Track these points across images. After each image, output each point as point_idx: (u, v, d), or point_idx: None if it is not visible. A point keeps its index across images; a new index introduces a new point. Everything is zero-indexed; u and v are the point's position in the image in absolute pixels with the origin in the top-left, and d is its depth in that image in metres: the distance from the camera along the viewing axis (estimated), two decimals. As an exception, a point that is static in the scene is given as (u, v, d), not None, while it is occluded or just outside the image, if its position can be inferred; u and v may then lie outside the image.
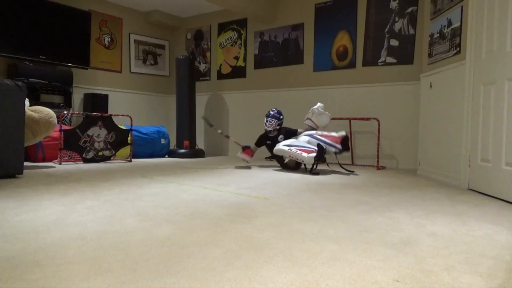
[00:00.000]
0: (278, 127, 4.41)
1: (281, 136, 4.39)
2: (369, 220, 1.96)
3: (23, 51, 4.89)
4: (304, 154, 3.74)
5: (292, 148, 3.88)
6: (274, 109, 4.49)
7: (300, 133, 4.25)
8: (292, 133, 4.37)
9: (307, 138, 3.96)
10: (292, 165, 4.13)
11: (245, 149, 4.42)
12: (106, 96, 5.73)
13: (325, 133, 3.94)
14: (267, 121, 4.40)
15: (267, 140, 4.47)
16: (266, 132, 4.49)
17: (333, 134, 3.90)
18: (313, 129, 4.17)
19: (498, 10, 2.68)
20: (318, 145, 3.76)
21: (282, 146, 4.00)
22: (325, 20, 5.30)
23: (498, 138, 2.64)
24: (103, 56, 6.08)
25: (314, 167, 3.91)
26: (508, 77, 2.55)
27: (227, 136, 4.72)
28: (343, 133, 3.90)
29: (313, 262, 1.34)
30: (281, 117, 4.44)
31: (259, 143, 4.55)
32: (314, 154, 3.71)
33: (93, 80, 5.94)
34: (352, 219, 1.98)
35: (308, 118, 4.23)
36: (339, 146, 3.83)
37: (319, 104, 4.19)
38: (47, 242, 1.54)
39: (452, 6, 3.27)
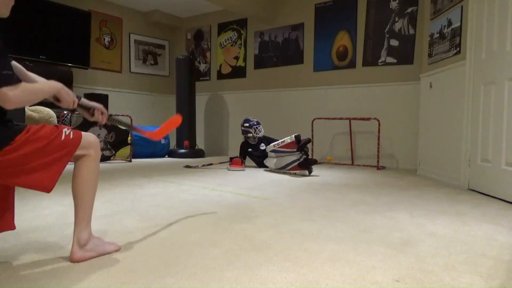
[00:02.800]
0: None
1: (262, 144, 4.42)
2: (369, 220, 1.96)
3: (23, 51, 4.89)
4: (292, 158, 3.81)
5: (278, 154, 3.93)
6: (252, 118, 4.59)
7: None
8: (273, 142, 4.34)
9: (274, 154, 4.01)
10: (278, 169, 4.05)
11: (233, 160, 4.29)
12: (106, 96, 5.71)
13: (279, 142, 3.91)
14: (257, 128, 4.44)
15: (249, 148, 4.51)
16: (248, 140, 4.50)
17: (286, 140, 3.83)
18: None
19: (498, 10, 2.68)
20: (296, 137, 3.75)
21: (270, 157, 4.08)
22: (325, 20, 5.30)
23: (498, 138, 2.64)
24: (103, 56, 6.08)
25: (303, 158, 3.80)
26: (508, 77, 2.55)
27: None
28: (293, 136, 3.78)
29: (313, 262, 1.34)
30: None
31: (243, 152, 4.51)
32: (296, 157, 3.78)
33: (93, 80, 5.93)
34: (352, 219, 1.98)
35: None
36: (297, 154, 3.76)
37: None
38: (47, 242, 1.54)
39: (452, 6, 3.27)
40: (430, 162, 3.71)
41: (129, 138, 5.04)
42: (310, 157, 4.00)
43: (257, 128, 4.45)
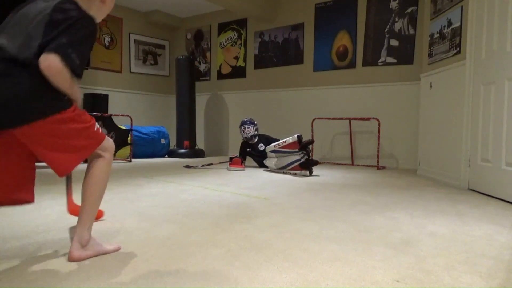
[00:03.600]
0: (256, 132, 4.48)
1: (261, 144, 4.43)
2: (369, 220, 1.96)
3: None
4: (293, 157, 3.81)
5: (279, 155, 3.93)
6: (246, 118, 4.61)
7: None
8: (274, 142, 4.35)
9: (273, 154, 4.01)
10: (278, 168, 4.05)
11: (233, 160, 4.30)
12: (106, 96, 5.72)
13: (281, 143, 3.91)
14: (245, 128, 4.46)
15: (248, 147, 4.51)
16: (247, 140, 4.50)
17: (288, 140, 3.83)
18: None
19: (498, 10, 2.68)
20: (298, 137, 3.75)
21: (270, 157, 4.08)
22: (325, 20, 5.30)
23: (498, 138, 2.64)
24: (103, 56, 6.08)
25: (305, 159, 3.80)
26: (508, 77, 2.55)
27: None
28: (295, 136, 3.77)
29: (313, 262, 1.34)
30: (256, 122, 4.55)
31: (243, 152, 4.52)
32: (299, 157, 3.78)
33: (93, 80, 5.93)
34: (352, 219, 1.98)
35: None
36: (298, 154, 3.76)
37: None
38: (48, 242, 1.54)
39: (452, 6, 3.27)
40: (430, 162, 3.71)
41: (129, 138, 5.04)
42: (311, 157, 4.00)
43: (244, 129, 4.46)
